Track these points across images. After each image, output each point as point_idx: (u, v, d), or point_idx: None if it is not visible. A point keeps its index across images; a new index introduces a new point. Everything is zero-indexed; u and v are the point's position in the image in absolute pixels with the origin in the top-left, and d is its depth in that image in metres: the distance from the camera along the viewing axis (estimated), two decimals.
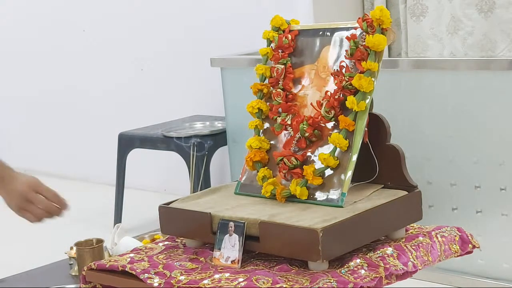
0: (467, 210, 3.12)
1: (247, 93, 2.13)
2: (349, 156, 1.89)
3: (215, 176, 4.50)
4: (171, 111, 4.74)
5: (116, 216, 4.24)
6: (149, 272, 1.81)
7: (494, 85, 3.00)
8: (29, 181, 2.23)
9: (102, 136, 5.27)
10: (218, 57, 3.87)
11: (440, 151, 3.16)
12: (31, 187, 2.22)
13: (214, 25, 4.63)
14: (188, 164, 3.93)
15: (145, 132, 4.24)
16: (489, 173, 3.05)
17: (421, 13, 3.95)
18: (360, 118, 1.90)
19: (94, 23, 5.29)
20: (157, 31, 4.94)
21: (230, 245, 1.82)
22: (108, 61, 5.25)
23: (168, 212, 1.98)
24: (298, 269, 1.78)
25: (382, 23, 1.92)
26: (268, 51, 2.10)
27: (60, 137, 5.64)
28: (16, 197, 2.20)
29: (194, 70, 4.75)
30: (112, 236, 2.71)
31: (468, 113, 3.07)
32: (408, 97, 3.20)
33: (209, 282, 1.74)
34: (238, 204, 1.96)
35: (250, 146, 2.03)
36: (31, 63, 5.73)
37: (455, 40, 3.84)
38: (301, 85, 2.04)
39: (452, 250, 1.97)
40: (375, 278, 1.74)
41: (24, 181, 2.22)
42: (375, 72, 1.91)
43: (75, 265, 2.58)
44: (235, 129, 3.79)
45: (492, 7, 3.71)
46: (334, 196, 1.87)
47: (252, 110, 2.06)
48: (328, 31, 2.03)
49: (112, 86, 5.26)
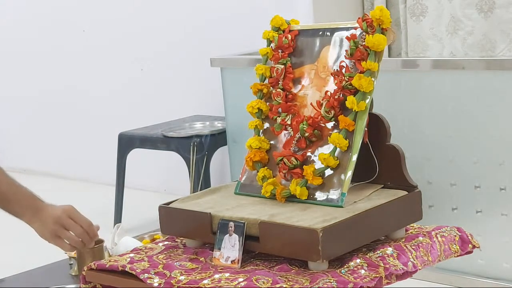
0: (467, 210, 3.12)
1: (247, 93, 2.13)
2: (349, 156, 1.89)
3: (215, 176, 4.50)
4: (171, 111, 4.74)
5: (116, 216, 4.24)
6: (149, 272, 1.81)
7: (494, 85, 3.00)
8: (64, 208, 2.25)
9: (102, 136, 5.27)
10: (218, 57, 3.87)
11: (440, 151, 3.16)
12: (66, 213, 2.23)
13: (214, 25, 4.63)
14: (188, 164, 3.93)
15: (145, 132, 4.24)
16: (489, 173, 3.05)
17: (421, 13, 3.95)
18: (360, 118, 1.90)
19: (94, 23, 5.29)
20: (157, 31, 4.94)
21: (230, 245, 1.82)
22: (108, 61, 5.25)
23: (168, 212, 1.98)
24: (298, 269, 1.78)
25: (382, 23, 1.92)
26: (268, 51, 2.10)
27: (60, 137, 5.64)
28: (51, 223, 2.20)
29: (194, 70, 4.75)
30: (112, 236, 2.71)
31: (468, 113, 3.07)
32: (408, 97, 3.20)
33: (209, 282, 1.74)
34: (238, 204, 1.96)
35: (250, 146, 2.03)
36: (31, 63, 5.73)
37: (455, 40, 3.84)
38: (301, 85, 2.04)
39: (452, 250, 1.97)
40: (375, 278, 1.74)
41: (60, 208, 2.24)
42: (375, 72, 1.91)
43: (75, 265, 2.58)
44: (235, 129, 3.79)
45: (492, 7, 3.71)
46: (334, 196, 1.87)
47: (252, 110, 2.06)
48: (328, 31, 2.03)
49: (112, 86, 5.26)
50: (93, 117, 5.41)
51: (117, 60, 5.19)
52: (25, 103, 5.85)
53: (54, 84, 5.59)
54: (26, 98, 5.83)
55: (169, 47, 4.89)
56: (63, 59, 5.51)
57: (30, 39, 5.69)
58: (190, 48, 4.77)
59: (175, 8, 4.82)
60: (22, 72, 5.82)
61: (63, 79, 5.54)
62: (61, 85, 5.56)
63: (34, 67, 5.71)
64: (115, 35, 5.18)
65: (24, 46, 5.74)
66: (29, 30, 5.68)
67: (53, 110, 5.65)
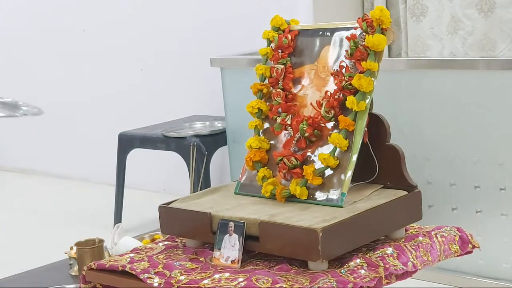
0: (467, 210, 3.11)
1: (247, 93, 2.13)
2: (349, 156, 1.89)
3: (215, 176, 4.50)
4: (171, 111, 4.73)
5: (116, 216, 4.24)
6: (149, 272, 1.81)
7: (494, 85, 3.00)
8: None
9: (102, 136, 5.27)
10: (218, 57, 3.86)
11: (440, 151, 3.16)
12: None
13: (214, 25, 4.63)
14: (188, 164, 3.93)
15: (145, 132, 4.24)
16: (489, 173, 3.05)
17: (421, 13, 3.95)
18: (360, 118, 1.91)
19: (94, 23, 5.29)
20: (157, 31, 4.94)
21: (230, 245, 1.83)
22: (108, 61, 5.25)
23: (168, 212, 1.99)
24: (298, 269, 1.78)
25: (382, 23, 1.92)
26: (268, 51, 2.10)
27: (60, 137, 5.64)
28: None
29: (194, 70, 4.75)
30: (112, 236, 2.71)
31: (468, 113, 3.07)
32: (408, 97, 3.20)
33: (209, 282, 1.74)
34: (238, 204, 1.96)
35: (250, 146, 2.03)
36: (31, 63, 5.73)
37: (455, 40, 3.84)
38: (301, 85, 2.04)
39: (452, 250, 1.97)
40: (375, 278, 1.74)
41: None
42: (375, 72, 1.91)
43: (75, 265, 2.58)
44: (235, 129, 3.79)
45: (492, 7, 3.71)
46: (334, 196, 1.88)
47: (252, 110, 2.06)
48: (328, 31, 2.04)
49: (112, 86, 5.26)
50: (93, 117, 5.41)
51: (117, 60, 5.19)
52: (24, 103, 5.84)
53: (54, 84, 5.59)
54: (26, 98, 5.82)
55: (169, 47, 4.89)
56: (63, 58, 5.50)
57: (30, 39, 5.68)
58: (190, 48, 4.77)
59: (175, 8, 4.82)
60: (21, 72, 5.82)
61: (63, 79, 5.54)
62: (61, 85, 5.56)
63: (34, 67, 5.71)
64: (115, 35, 5.18)
65: (23, 45, 5.74)
66: (29, 30, 5.68)
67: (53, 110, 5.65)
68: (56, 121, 5.64)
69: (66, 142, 5.61)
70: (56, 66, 5.56)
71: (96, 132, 5.40)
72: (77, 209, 4.68)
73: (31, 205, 4.90)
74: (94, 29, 5.29)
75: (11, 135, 5.99)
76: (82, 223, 4.37)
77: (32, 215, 4.65)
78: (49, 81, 5.63)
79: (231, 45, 4.30)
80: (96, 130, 5.40)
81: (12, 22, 5.80)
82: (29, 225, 4.46)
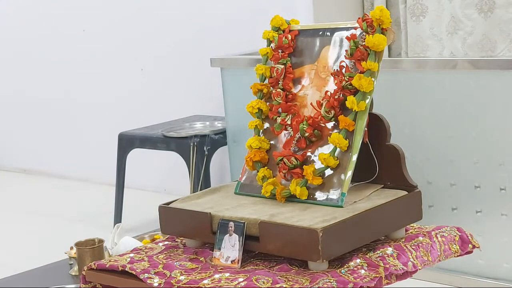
0: (467, 210, 3.11)
1: (247, 93, 2.13)
2: (349, 156, 1.89)
3: (215, 176, 4.50)
4: (171, 111, 4.73)
5: (116, 216, 4.24)
6: (149, 272, 1.81)
7: (494, 85, 3.00)
8: None
9: (102, 136, 5.27)
10: (218, 57, 3.86)
11: (440, 151, 3.16)
12: None
13: (214, 25, 4.63)
14: (188, 164, 3.93)
15: (145, 132, 4.24)
16: (489, 173, 3.05)
17: (421, 13, 3.95)
18: (360, 118, 1.91)
19: (94, 23, 5.29)
20: (157, 31, 4.94)
21: (230, 245, 1.83)
22: (108, 61, 5.25)
23: (168, 212, 1.99)
24: (298, 269, 1.78)
25: (382, 23, 1.92)
26: (268, 51, 2.10)
27: (60, 137, 5.64)
28: None
29: (194, 70, 4.74)
30: (112, 236, 2.72)
31: (468, 113, 3.07)
32: (408, 97, 3.20)
33: (209, 282, 1.74)
34: (238, 204, 1.96)
35: (250, 146, 2.03)
36: (31, 63, 5.73)
37: (455, 40, 3.84)
38: (301, 85, 2.04)
39: (452, 250, 1.97)
40: (375, 278, 1.74)
41: None
42: (375, 72, 1.91)
43: (75, 265, 2.58)
44: (235, 129, 3.79)
45: (492, 7, 3.71)
46: (334, 196, 1.88)
47: (252, 110, 2.06)
48: (328, 31, 2.04)
49: (112, 86, 5.26)
50: (93, 117, 5.41)
51: (117, 60, 5.19)
52: (25, 103, 5.85)
53: (54, 83, 5.59)
54: (26, 98, 5.82)
55: (169, 47, 4.89)
56: (63, 59, 5.50)
57: (30, 39, 5.68)
58: (190, 48, 4.77)
59: (175, 8, 4.82)
60: (21, 72, 5.82)
61: (63, 79, 5.54)
62: (61, 84, 5.56)
63: (34, 66, 5.71)
64: (115, 35, 5.17)
65: (23, 45, 5.74)
66: (29, 30, 5.68)
67: (53, 110, 5.65)
68: (56, 121, 5.64)
69: (66, 142, 5.61)
70: (56, 66, 5.56)
71: (96, 132, 5.40)
72: (77, 209, 4.68)
73: (31, 205, 4.90)
74: (94, 29, 5.29)
75: (11, 135, 5.99)
76: (82, 223, 4.38)
77: (32, 215, 4.65)
78: (49, 81, 5.63)
79: (231, 45, 4.30)
80: (96, 130, 5.40)
81: (12, 22, 5.80)
82: (29, 225, 4.46)
